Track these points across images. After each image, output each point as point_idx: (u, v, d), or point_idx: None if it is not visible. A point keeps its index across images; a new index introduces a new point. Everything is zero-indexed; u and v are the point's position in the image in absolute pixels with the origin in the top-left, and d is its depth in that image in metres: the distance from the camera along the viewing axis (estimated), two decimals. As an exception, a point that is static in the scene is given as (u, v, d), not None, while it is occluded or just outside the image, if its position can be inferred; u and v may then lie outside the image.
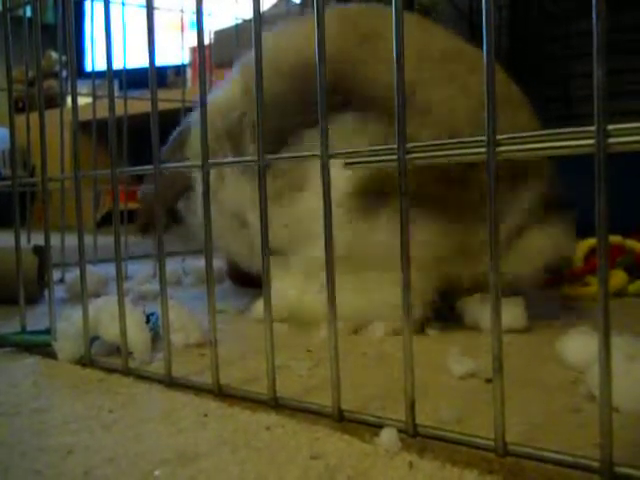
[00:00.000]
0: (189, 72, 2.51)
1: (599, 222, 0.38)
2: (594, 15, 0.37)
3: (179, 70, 2.41)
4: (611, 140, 0.37)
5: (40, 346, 0.73)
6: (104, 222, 2.02)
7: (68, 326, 0.70)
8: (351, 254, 0.74)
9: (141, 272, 1.28)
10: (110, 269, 1.19)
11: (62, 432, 0.49)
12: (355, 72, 0.78)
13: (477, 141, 0.42)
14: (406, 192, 0.45)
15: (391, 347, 0.75)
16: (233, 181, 0.89)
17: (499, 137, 0.41)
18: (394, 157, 0.46)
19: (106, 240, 1.32)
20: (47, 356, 0.71)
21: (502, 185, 0.69)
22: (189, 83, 2.47)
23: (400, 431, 0.47)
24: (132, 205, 1.50)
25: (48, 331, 0.74)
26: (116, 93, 1.47)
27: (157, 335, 0.73)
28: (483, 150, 0.42)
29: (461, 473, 0.42)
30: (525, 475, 0.42)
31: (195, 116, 1.03)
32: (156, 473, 0.42)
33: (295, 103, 0.79)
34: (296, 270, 0.81)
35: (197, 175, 0.91)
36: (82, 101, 2.26)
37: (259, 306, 0.85)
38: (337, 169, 0.49)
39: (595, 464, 0.40)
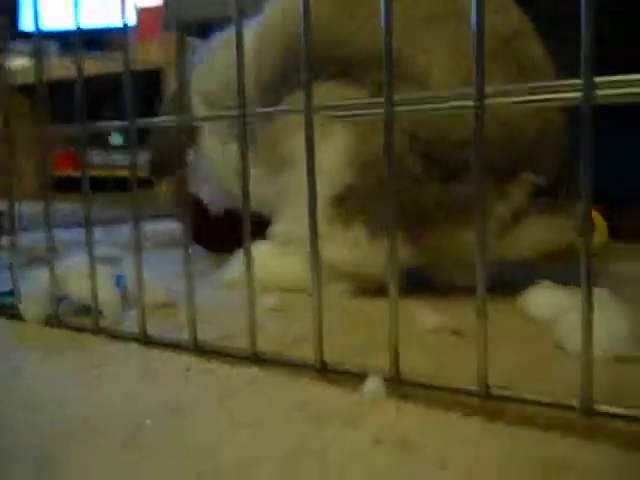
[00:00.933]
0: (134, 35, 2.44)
1: (584, 172, 0.39)
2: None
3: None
4: (598, 92, 0.39)
5: (4, 308, 0.71)
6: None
7: (34, 287, 0.69)
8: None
9: (96, 238, 1.25)
10: (65, 235, 1.17)
11: (50, 387, 0.49)
12: (349, 40, 0.77)
13: (465, 94, 0.43)
14: (391, 144, 0.46)
15: (354, 305, 0.76)
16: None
17: (487, 90, 0.42)
18: (380, 110, 0.46)
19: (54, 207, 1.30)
20: (12, 318, 0.70)
21: (497, 176, 0.71)
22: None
23: (384, 380, 0.48)
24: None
25: (12, 293, 0.72)
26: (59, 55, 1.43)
27: (125, 296, 0.72)
28: (471, 103, 0.43)
29: (446, 415, 0.44)
30: (506, 416, 0.44)
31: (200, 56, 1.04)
32: (147, 422, 0.42)
33: (292, 63, 0.79)
34: (275, 238, 0.82)
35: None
36: (20, 63, 2.18)
37: (231, 271, 0.85)
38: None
39: (575, 403, 0.42)
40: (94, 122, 0.66)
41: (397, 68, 0.71)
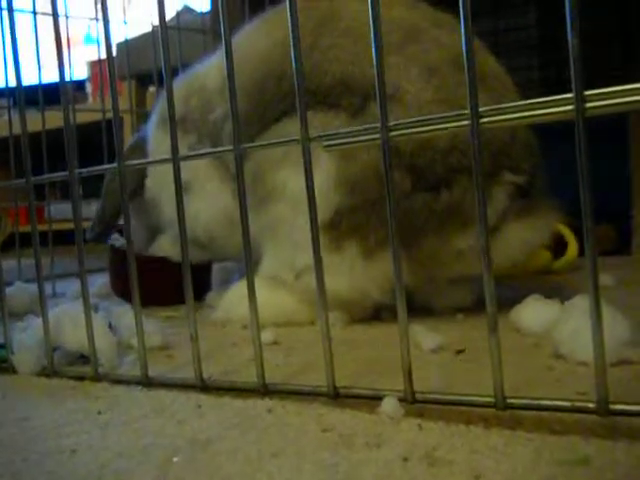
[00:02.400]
0: (89, 86, 2.44)
1: (582, 184, 0.41)
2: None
3: (80, 85, 2.35)
4: (589, 105, 0.41)
5: (-6, 362, 0.70)
6: (5, 246, 1.93)
7: (26, 338, 0.68)
8: None
9: (70, 289, 1.23)
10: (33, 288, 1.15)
11: (57, 435, 0.48)
12: (318, 70, 0.79)
13: (460, 114, 0.45)
14: (391, 168, 0.47)
15: (352, 333, 0.77)
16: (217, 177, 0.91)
17: (482, 109, 0.44)
18: (376, 135, 0.47)
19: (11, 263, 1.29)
20: (4, 371, 0.68)
21: (470, 183, 0.72)
22: (90, 98, 2.40)
23: (399, 400, 0.49)
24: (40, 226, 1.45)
25: (1, 347, 0.71)
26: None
27: (119, 342, 0.72)
28: (467, 122, 0.44)
29: (468, 428, 0.44)
30: (525, 425, 0.45)
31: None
32: (175, 460, 0.42)
33: (273, 92, 0.81)
34: (265, 273, 0.82)
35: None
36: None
37: (221, 309, 0.85)
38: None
39: (591, 405, 0.43)
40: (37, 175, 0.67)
41: (372, 89, 0.74)
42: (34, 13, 1.24)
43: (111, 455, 0.43)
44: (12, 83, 0.69)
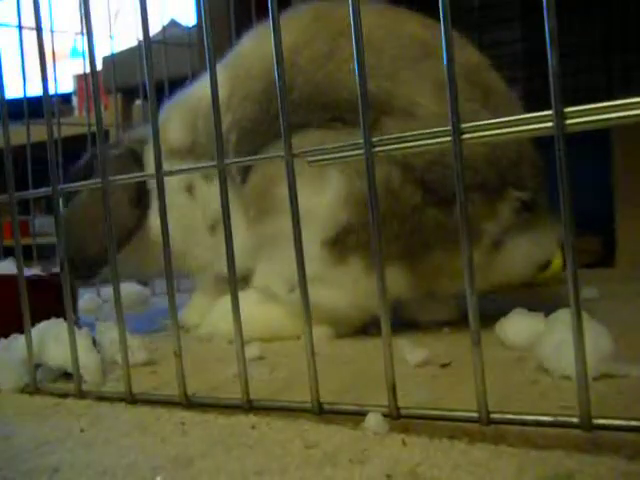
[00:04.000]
0: (75, 100, 2.44)
1: (563, 200, 0.41)
2: (545, 12, 0.41)
3: (66, 98, 2.34)
4: (569, 121, 0.41)
5: (-24, 380, 0.69)
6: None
7: (8, 355, 0.67)
8: None
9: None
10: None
11: (39, 454, 0.47)
12: (333, 85, 0.79)
13: (442, 131, 0.45)
14: (374, 184, 0.48)
15: (338, 347, 0.77)
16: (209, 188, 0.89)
17: (463, 125, 0.44)
18: (360, 152, 0.48)
19: None
20: (-14, 389, 0.67)
21: (479, 198, 0.73)
22: (76, 112, 2.40)
23: (384, 415, 0.48)
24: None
25: (-17, 364, 0.70)
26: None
27: (102, 359, 0.71)
28: (448, 139, 0.45)
29: (451, 443, 0.44)
30: (508, 440, 0.45)
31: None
32: (157, 479, 0.41)
33: (269, 106, 0.80)
34: (257, 284, 0.82)
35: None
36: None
37: (207, 324, 0.85)
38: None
39: (575, 419, 0.43)
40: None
41: (388, 105, 0.74)
42: (19, 27, 1.24)
43: (94, 474, 0.43)
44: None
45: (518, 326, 0.69)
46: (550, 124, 0.42)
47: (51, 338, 0.67)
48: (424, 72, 0.77)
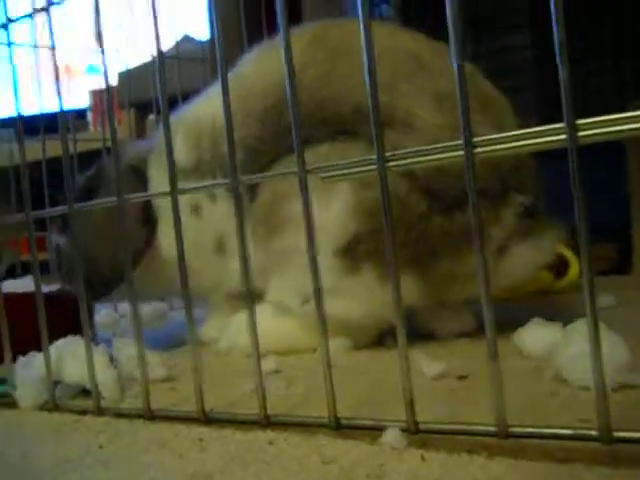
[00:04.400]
0: (90, 115, 2.46)
1: (578, 211, 0.41)
2: (554, 23, 0.41)
3: (81, 114, 2.37)
4: (581, 134, 0.41)
5: (-3, 397, 0.70)
6: (8, 275, 1.94)
7: (28, 373, 0.68)
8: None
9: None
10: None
11: (60, 472, 0.48)
12: (336, 98, 0.79)
13: (454, 145, 0.45)
14: (389, 200, 0.48)
15: (355, 359, 0.77)
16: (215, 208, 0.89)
17: (475, 139, 0.44)
18: (373, 167, 0.48)
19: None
20: (6, 406, 0.68)
21: (483, 204, 0.73)
22: (91, 127, 2.42)
23: (402, 430, 0.48)
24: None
25: (2, 381, 0.71)
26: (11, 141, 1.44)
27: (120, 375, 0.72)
28: (461, 153, 0.45)
29: (470, 459, 0.44)
30: (527, 453, 0.44)
31: (157, 141, 0.97)
32: (176, 496, 0.41)
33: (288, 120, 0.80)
34: (272, 299, 0.83)
35: (164, 205, 0.84)
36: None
37: (225, 339, 0.85)
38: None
39: (594, 432, 0.43)
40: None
41: (388, 117, 0.75)
42: (35, 47, 1.25)
43: (111, 493, 0.43)
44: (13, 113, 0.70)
45: (536, 336, 0.69)
46: (563, 137, 0.42)
47: (69, 355, 0.67)
48: (421, 85, 0.79)
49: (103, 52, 0.61)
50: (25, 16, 0.68)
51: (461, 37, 0.44)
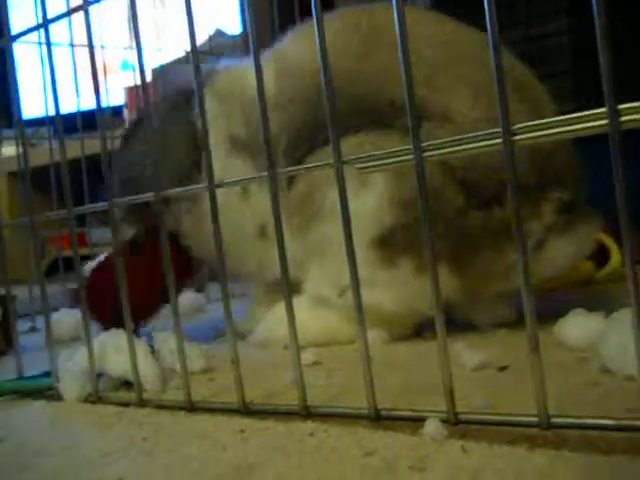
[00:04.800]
0: (126, 112, 2.49)
1: (620, 198, 0.40)
2: (594, 6, 0.40)
3: (117, 111, 2.39)
4: (623, 119, 0.40)
5: (41, 390, 0.71)
6: (50, 271, 1.97)
7: (71, 366, 0.69)
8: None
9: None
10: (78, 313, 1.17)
11: (104, 464, 0.49)
12: (374, 88, 0.79)
13: (493, 133, 0.45)
14: (425, 192, 0.47)
15: (393, 351, 0.76)
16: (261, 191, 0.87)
17: (514, 127, 0.44)
18: (409, 157, 0.48)
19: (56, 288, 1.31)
20: (51, 399, 0.69)
21: (522, 198, 0.73)
22: (127, 123, 2.45)
23: (442, 421, 0.48)
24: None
25: (47, 374, 0.72)
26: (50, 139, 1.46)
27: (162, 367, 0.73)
28: (499, 141, 0.44)
29: (512, 450, 0.44)
30: (570, 444, 0.44)
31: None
32: (219, 486, 0.42)
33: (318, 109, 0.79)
34: (309, 291, 0.83)
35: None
36: (13, 150, 2.21)
37: (262, 330, 0.86)
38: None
39: (639, 423, 0.42)
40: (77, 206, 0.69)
41: (426, 110, 0.74)
42: (72, 46, 1.27)
43: (155, 484, 0.44)
44: (52, 112, 0.72)
45: (578, 327, 0.68)
46: (604, 122, 0.41)
47: (111, 348, 0.69)
48: (459, 77, 0.78)
49: (139, 49, 0.62)
50: (62, 15, 0.69)
51: (497, 23, 0.44)
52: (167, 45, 1.88)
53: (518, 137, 0.44)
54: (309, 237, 0.80)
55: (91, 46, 0.65)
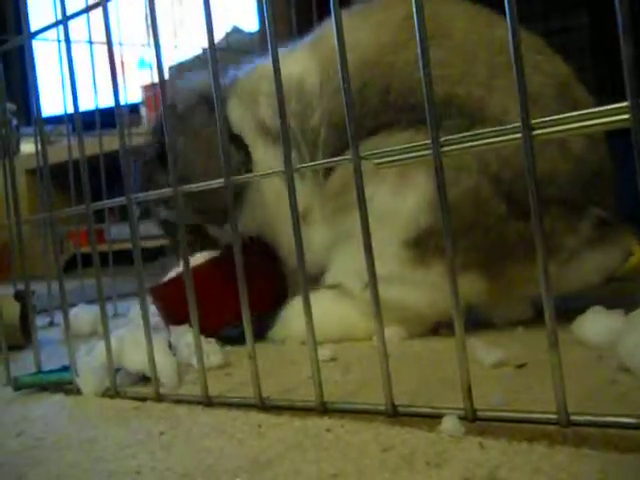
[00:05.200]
0: (143, 110, 2.50)
1: (641, 191, 0.40)
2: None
3: (134, 108, 2.41)
4: (645, 113, 0.40)
5: (60, 384, 0.72)
6: (68, 267, 1.99)
7: (90, 360, 0.70)
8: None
9: (132, 309, 1.26)
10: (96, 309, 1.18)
11: (121, 457, 0.49)
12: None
13: (512, 128, 0.44)
14: (444, 185, 0.47)
15: (410, 348, 0.76)
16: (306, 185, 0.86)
17: (534, 121, 0.43)
18: (428, 152, 0.47)
19: (74, 284, 1.32)
20: (69, 393, 0.70)
21: (560, 213, 0.74)
22: (145, 121, 2.46)
23: (459, 418, 0.48)
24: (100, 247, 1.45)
25: (65, 368, 0.73)
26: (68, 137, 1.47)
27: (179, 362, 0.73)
28: (519, 136, 0.44)
29: (530, 446, 0.44)
30: (589, 442, 0.43)
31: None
32: (237, 480, 0.42)
33: (378, 100, 0.79)
34: (331, 280, 0.83)
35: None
36: (31, 148, 2.23)
37: (281, 326, 0.86)
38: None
39: (660, 421, 0.41)
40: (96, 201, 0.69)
41: (480, 112, 0.74)
42: (90, 43, 1.28)
43: (175, 476, 0.44)
44: (71, 109, 0.72)
45: (597, 324, 0.67)
46: (625, 116, 0.40)
47: (129, 343, 0.69)
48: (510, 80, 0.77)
49: (158, 46, 0.62)
50: (81, 12, 0.70)
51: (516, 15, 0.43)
52: (184, 42, 1.89)
53: (537, 132, 0.44)
54: (340, 227, 0.80)
55: (110, 43, 0.66)
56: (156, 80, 0.65)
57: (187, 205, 0.90)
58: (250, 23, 2.22)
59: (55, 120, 2.21)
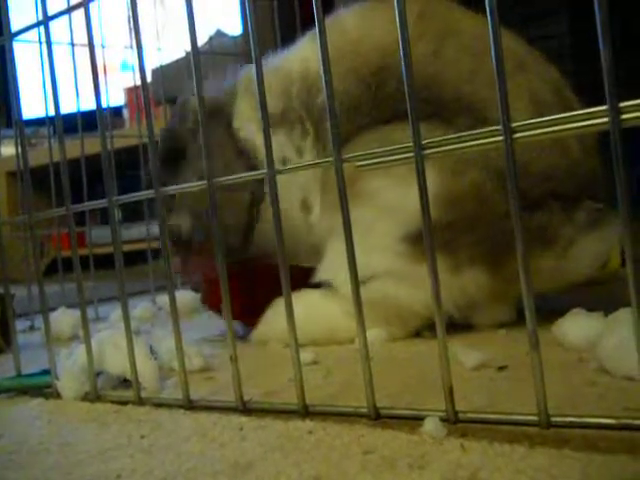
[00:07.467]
0: (126, 113, 2.50)
1: (620, 195, 0.40)
2: (596, 2, 0.40)
3: (117, 111, 2.40)
4: (624, 116, 0.40)
5: (39, 388, 0.71)
6: (49, 271, 1.97)
7: (70, 364, 0.69)
8: None
9: (112, 313, 1.25)
10: (77, 313, 1.17)
11: (101, 460, 0.49)
12: (440, 81, 0.79)
13: (493, 130, 0.45)
14: (425, 188, 0.47)
15: (392, 350, 0.76)
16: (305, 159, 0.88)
17: (514, 124, 0.44)
18: (410, 154, 0.47)
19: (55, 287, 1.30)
20: (49, 396, 0.69)
21: (558, 206, 0.76)
22: (127, 124, 2.45)
23: (441, 420, 0.48)
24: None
25: (45, 372, 0.72)
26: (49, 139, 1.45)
27: (160, 366, 0.72)
28: (500, 139, 0.44)
29: (512, 448, 0.44)
30: (570, 443, 0.44)
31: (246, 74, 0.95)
32: (218, 483, 0.42)
33: (391, 89, 0.79)
34: (324, 274, 0.82)
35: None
36: (12, 150, 2.21)
37: (261, 330, 0.85)
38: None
39: (639, 422, 0.42)
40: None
41: (482, 113, 0.75)
42: (72, 45, 1.27)
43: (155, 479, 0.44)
44: (52, 112, 0.71)
45: (577, 326, 0.68)
46: (605, 119, 0.41)
47: (110, 346, 0.68)
48: (520, 86, 0.78)
49: (140, 48, 0.62)
50: (62, 12, 0.69)
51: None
52: (167, 45, 1.88)
53: (518, 135, 0.44)
54: (337, 217, 0.80)
55: (91, 44, 0.65)
56: (138, 82, 0.65)
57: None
58: (233, 27, 2.22)
59: (36, 122, 2.20)
